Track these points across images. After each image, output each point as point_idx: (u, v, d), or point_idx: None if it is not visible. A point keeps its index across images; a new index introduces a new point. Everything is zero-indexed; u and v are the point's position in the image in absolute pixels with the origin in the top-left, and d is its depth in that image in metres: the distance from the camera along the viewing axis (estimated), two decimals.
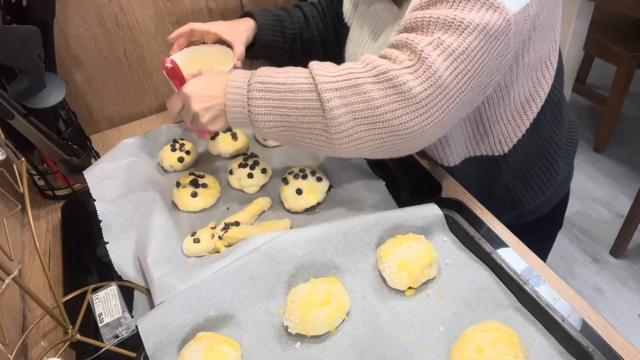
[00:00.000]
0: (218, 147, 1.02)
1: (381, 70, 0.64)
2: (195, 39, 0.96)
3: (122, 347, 0.71)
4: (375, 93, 0.63)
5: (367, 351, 0.66)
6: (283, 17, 1.00)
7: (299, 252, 0.74)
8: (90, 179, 0.93)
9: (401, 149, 0.68)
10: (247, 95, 0.70)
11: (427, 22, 0.64)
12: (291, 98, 0.68)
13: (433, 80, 0.62)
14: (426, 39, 0.63)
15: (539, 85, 0.80)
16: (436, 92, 0.62)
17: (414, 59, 0.63)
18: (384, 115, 0.64)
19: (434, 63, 0.62)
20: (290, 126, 0.70)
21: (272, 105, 0.69)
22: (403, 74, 0.62)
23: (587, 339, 0.62)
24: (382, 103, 0.63)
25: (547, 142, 0.89)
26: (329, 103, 0.65)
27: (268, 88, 0.69)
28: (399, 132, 0.64)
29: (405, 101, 0.63)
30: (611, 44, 2.09)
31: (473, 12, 0.62)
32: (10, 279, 0.56)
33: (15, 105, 0.88)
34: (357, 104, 0.64)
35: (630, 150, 2.33)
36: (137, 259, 0.82)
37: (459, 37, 0.62)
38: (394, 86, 0.63)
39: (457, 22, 0.62)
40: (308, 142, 0.71)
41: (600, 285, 1.82)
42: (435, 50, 0.62)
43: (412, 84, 0.62)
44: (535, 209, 0.97)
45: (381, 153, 0.69)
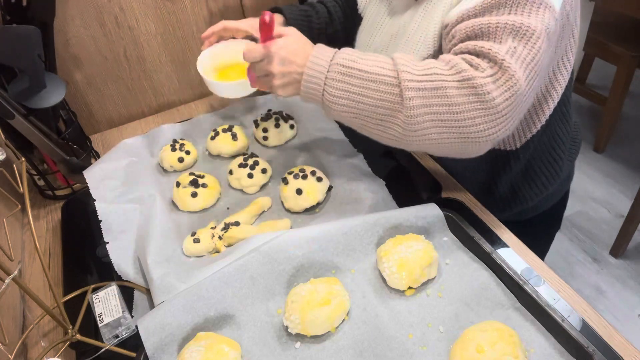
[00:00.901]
0: (218, 147, 1.02)
1: (466, 77, 0.64)
2: (227, 35, 0.97)
3: (122, 347, 0.71)
4: (458, 98, 0.64)
5: (367, 351, 0.66)
6: (310, 13, 1.01)
7: (299, 252, 0.74)
8: (90, 179, 0.93)
9: (467, 152, 0.69)
10: (327, 74, 0.70)
11: (494, 29, 0.65)
12: (371, 87, 0.68)
13: (515, 89, 0.63)
14: (502, 47, 0.64)
15: (556, 81, 0.81)
16: (516, 102, 0.64)
17: (495, 67, 0.64)
18: (463, 121, 0.64)
19: (516, 72, 0.63)
20: (362, 114, 0.70)
21: (349, 90, 0.69)
22: (487, 82, 0.63)
23: (587, 339, 0.62)
24: (464, 109, 0.64)
25: (554, 139, 0.89)
26: (411, 102, 0.65)
27: (349, 72, 0.69)
28: (473, 138, 0.65)
29: (486, 110, 0.63)
30: (611, 44, 2.09)
31: (532, 15, 0.64)
32: (10, 279, 0.56)
33: (15, 105, 0.88)
34: (438, 106, 0.65)
35: (630, 150, 2.32)
36: (137, 259, 0.82)
37: (527, 44, 0.64)
38: (477, 94, 0.63)
39: (524, 28, 0.64)
40: (376, 131, 0.71)
41: (600, 285, 1.82)
42: (512, 58, 0.63)
43: (495, 93, 0.63)
44: (536, 205, 0.97)
45: (446, 152, 0.70)
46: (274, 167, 0.98)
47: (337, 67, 0.70)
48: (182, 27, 1.23)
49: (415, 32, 0.81)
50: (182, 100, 1.33)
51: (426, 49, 0.78)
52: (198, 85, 1.33)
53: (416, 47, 0.80)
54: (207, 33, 0.96)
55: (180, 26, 1.23)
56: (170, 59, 1.26)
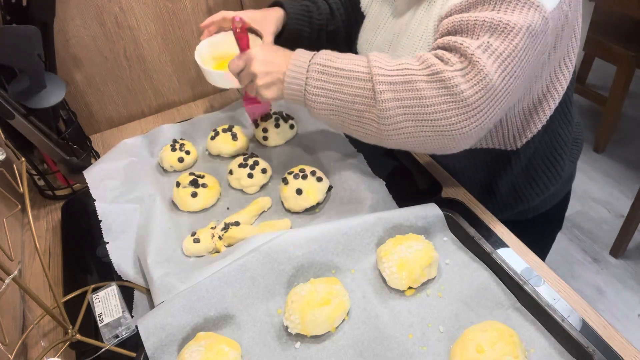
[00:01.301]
0: (218, 147, 1.02)
1: (435, 70, 0.65)
2: (226, 26, 0.97)
3: (122, 347, 0.71)
4: (428, 92, 0.65)
5: (367, 351, 0.66)
6: (311, 8, 1.02)
7: (299, 252, 0.74)
8: (90, 179, 0.93)
9: (446, 147, 0.69)
10: (306, 74, 0.73)
11: (472, 25, 0.66)
12: (346, 84, 0.70)
13: (484, 83, 0.63)
14: (475, 42, 0.64)
15: (557, 81, 0.81)
16: (486, 96, 0.64)
17: (465, 62, 0.64)
18: (433, 115, 0.65)
19: (485, 66, 0.63)
20: (341, 111, 0.72)
21: (327, 88, 0.71)
22: (455, 76, 0.64)
23: (587, 339, 0.62)
24: (433, 102, 0.65)
25: (556, 140, 0.89)
26: (382, 95, 0.67)
27: (326, 71, 0.72)
28: (447, 132, 0.66)
29: (455, 103, 0.64)
30: (611, 44, 2.09)
31: (516, 13, 0.64)
32: (10, 279, 0.56)
33: (15, 105, 0.88)
34: (409, 99, 0.66)
35: (630, 150, 2.32)
36: (137, 259, 0.82)
37: (505, 40, 0.64)
38: (445, 87, 0.64)
39: (502, 24, 0.64)
40: (355, 128, 0.73)
41: (600, 285, 1.82)
42: (484, 53, 0.63)
43: (463, 86, 0.63)
44: (538, 205, 0.97)
45: (425, 149, 0.71)
46: (274, 167, 0.98)
47: (315, 67, 0.72)
48: (182, 27, 1.23)
49: (416, 30, 0.81)
50: (182, 100, 1.33)
51: (427, 46, 0.79)
52: (198, 85, 1.33)
53: (417, 45, 0.80)
54: (206, 22, 0.97)
55: (180, 26, 1.23)
56: (170, 59, 1.26)
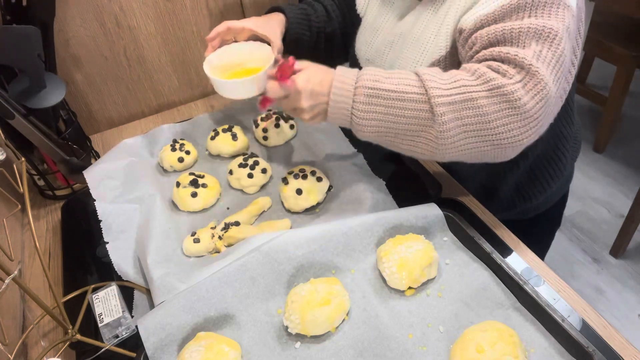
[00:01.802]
0: (218, 147, 1.02)
1: (495, 85, 0.64)
2: (229, 38, 0.96)
3: (122, 347, 0.71)
4: (489, 108, 0.64)
5: (367, 351, 0.66)
6: (309, 11, 1.01)
7: (299, 252, 0.74)
8: (90, 179, 0.93)
9: (498, 157, 0.69)
10: (353, 98, 0.69)
11: (517, 34, 0.65)
12: (400, 107, 0.67)
13: (544, 93, 0.63)
14: (528, 51, 0.64)
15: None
16: (547, 105, 0.64)
17: (522, 72, 0.64)
18: (495, 129, 0.64)
19: (544, 77, 0.63)
20: (393, 132, 0.69)
21: (377, 111, 0.68)
22: (517, 89, 0.63)
23: (587, 339, 0.62)
24: (496, 117, 0.64)
25: (559, 138, 0.89)
26: (443, 117, 0.65)
27: (376, 94, 0.68)
28: (507, 144, 0.65)
29: (518, 115, 0.63)
30: (611, 44, 2.09)
31: (552, 17, 0.64)
32: (10, 279, 0.56)
33: (15, 105, 0.88)
34: (470, 117, 0.65)
35: (630, 150, 2.32)
36: (137, 259, 0.82)
37: (551, 46, 0.64)
38: (508, 101, 0.63)
39: (546, 30, 0.64)
40: (407, 147, 0.71)
41: (600, 285, 1.82)
42: (538, 61, 0.63)
43: (525, 99, 0.63)
44: (539, 204, 0.97)
45: (478, 159, 0.70)
46: (274, 167, 0.98)
47: (363, 90, 0.69)
48: (182, 27, 1.23)
49: (423, 33, 0.80)
50: (182, 100, 1.33)
51: (438, 51, 0.78)
52: (198, 85, 1.33)
53: (425, 48, 0.80)
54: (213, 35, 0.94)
55: (180, 26, 1.23)
56: (170, 59, 1.26)
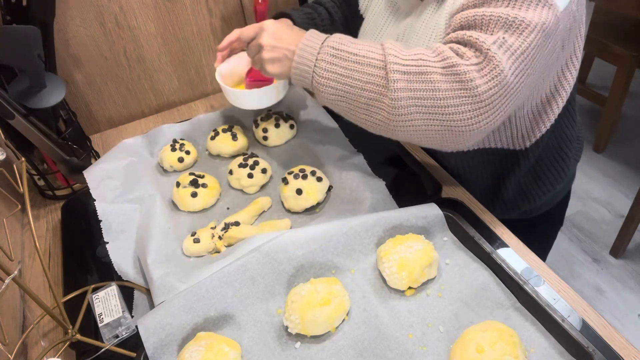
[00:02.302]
0: (218, 147, 1.02)
1: (450, 63, 0.64)
2: (237, 46, 0.96)
3: (122, 347, 0.71)
4: (442, 84, 0.64)
5: (367, 351, 0.66)
6: (313, 15, 1.01)
7: (299, 252, 0.74)
8: (90, 179, 0.93)
9: (453, 143, 0.68)
10: (317, 56, 0.71)
11: (487, 20, 0.65)
12: (358, 70, 0.68)
13: (499, 79, 0.63)
14: (490, 37, 0.64)
15: (565, 80, 0.80)
16: (500, 92, 0.63)
17: (480, 57, 0.64)
18: (445, 108, 0.64)
19: (500, 62, 0.62)
20: (349, 97, 0.70)
21: (337, 72, 0.69)
22: (470, 70, 0.63)
23: (587, 339, 0.62)
24: (447, 96, 0.64)
25: (561, 139, 0.89)
26: (395, 84, 0.65)
27: (339, 55, 0.69)
28: (457, 127, 0.65)
29: (469, 98, 0.63)
30: (611, 44, 2.09)
31: (530, 10, 0.64)
32: (10, 279, 0.56)
33: (15, 105, 0.88)
34: (422, 91, 0.65)
35: (630, 150, 2.32)
36: (137, 259, 0.82)
37: (519, 37, 0.63)
38: (460, 81, 0.63)
39: (518, 21, 0.63)
40: (363, 116, 0.71)
41: (600, 285, 1.82)
42: (499, 49, 0.63)
43: (478, 81, 0.63)
44: (542, 204, 0.97)
45: (433, 143, 0.70)
46: (274, 167, 0.98)
47: (327, 49, 0.70)
48: (182, 27, 1.23)
49: (424, 32, 0.80)
50: (182, 100, 1.33)
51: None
52: (198, 85, 1.33)
53: (429, 42, 0.80)
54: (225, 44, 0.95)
55: (181, 26, 1.23)
56: (170, 59, 1.26)
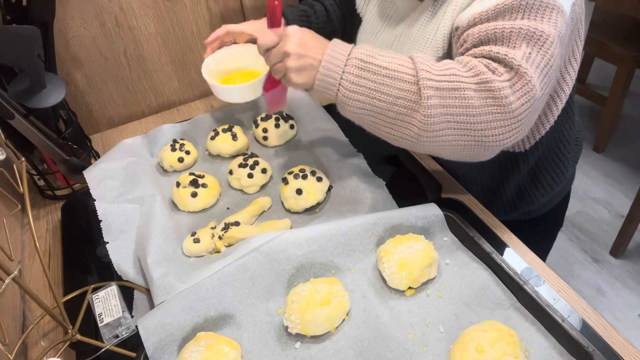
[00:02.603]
0: (218, 147, 1.02)
1: (484, 79, 0.63)
2: (228, 40, 0.96)
3: (122, 347, 0.71)
4: (476, 101, 0.63)
5: (367, 351, 0.66)
6: (309, 12, 1.01)
7: (299, 252, 0.74)
8: (90, 179, 0.93)
9: (479, 155, 0.68)
10: (344, 68, 0.68)
11: (508, 34, 0.65)
12: (388, 84, 0.66)
13: (531, 95, 0.63)
14: (518, 52, 0.64)
15: (564, 82, 0.80)
16: (531, 107, 0.64)
17: (511, 72, 0.63)
18: (478, 124, 0.64)
19: (532, 78, 0.62)
20: (376, 111, 0.68)
21: (365, 85, 0.67)
22: (504, 87, 0.63)
23: (587, 339, 0.62)
24: (480, 112, 0.63)
25: (560, 140, 0.89)
26: (429, 101, 0.64)
27: (367, 67, 0.67)
28: (487, 142, 0.65)
29: (503, 114, 0.63)
30: (611, 44, 2.09)
31: (545, 20, 0.64)
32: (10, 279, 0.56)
33: (15, 105, 0.88)
34: (455, 107, 0.64)
35: (630, 150, 2.32)
36: (137, 259, 0.82)
37: (541, 50, 0.64)
38: (494, 97, 0.63)
39: (538, 33, 0.64)
40: (388, 130, 0.69)
41: (600, 285, 1.82)
42: (528, 64, 0.63)
43: (511, 98, 0.63)
44: (541, 205, 0.97)
45: (458, 156, 0.69)
46: (274, 167, 0.98)
47: (355, 62, 0.68)
48: (182, 27, 1.23)
49: (421, 34, 0.80)
50: (182, 100, 1.34)
51: (435, 52, 0.78)
52: (198, 85, 1.34)
53: (424, 49, 0.80)
54: (212, 38, 0.95)
55: (180, 26, 1.23)
56: (170, 59, 1.26)
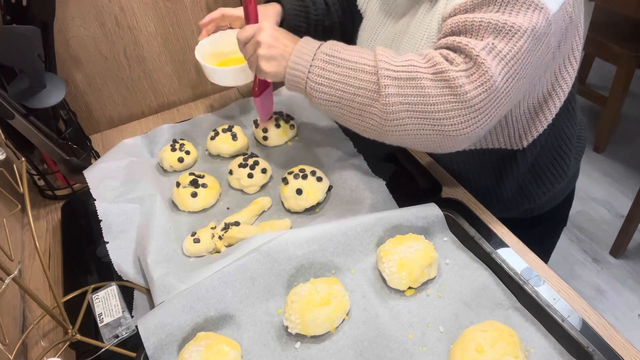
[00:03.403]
0: (218, 147, 1.02)
1: (440, 69, 0.65)
2: (224, 24, 0.97)
3: (122, 347, 0.71)
4: (432, 90, 0.65)
5: (367, 351, 0.66)
6: (307, 3, 1.02)
7: (299, 252, 0.74)
8: (90, 179, 0.93)
9: (444, 146, 0.69)
10: (311, 62, 0.72)
11: (477, 26, 0.65)
12: (351, 75, 0.70)
13: (488, 85, 0.63)
14: (480, 43, 0.64)
15: (562, 79, 0.81)
16: (489, 98, 0.64)
17: (470, 62, 0.64)
18: (436, 114, 0.65)
19: (489, 68, 0.63)
20: (342, 102, 0.72)
21: (330, 78, 0.71)
22: (460, 76, 0.64)
23: (587, 339, 0.62)
24: (437, 101, 0.65)
25: (561, 138, 0.89)
26: (386, 90, 0.66)
27: (332, 61, 0.71)
28: (447, 132, 0.66)
29: (458, 103, 0.64)
30: (611, 44, 2.09)
31: (520, 15, 0.64)
32: (10, 279, 0.56)
33: (15, 105, 0.88)
34: (413, 96, 0.66)
35: (630, 150, 2.33)
36: (137, 259, 0.82)
37: (509, 42, 0.64)
38: (450, 87, 0.64)
39: (507, 26, 0.64)
40: (355, 121, 0.73)
41: (600, 285, 1.82)
42: (489, 55, 0.64)
43: (467, 87, 0.63)
44: (543, 203, 0.97)
45: (424, 147, 0.71)
46: (274, 167, 0.98)
47: (321, 55, 0.72)
48: (182, 27, 1.23)
49: (417, 30, 0.80)
50: (182, 100, 1.33)
51: (431, 46, 0.78)
52: (198, 85, 1.33)
53: (420, 46, 0.80)
54: (206, 20, 0.97)
55: (180, 26, 1.23)
56: (170, 59, 1.26)
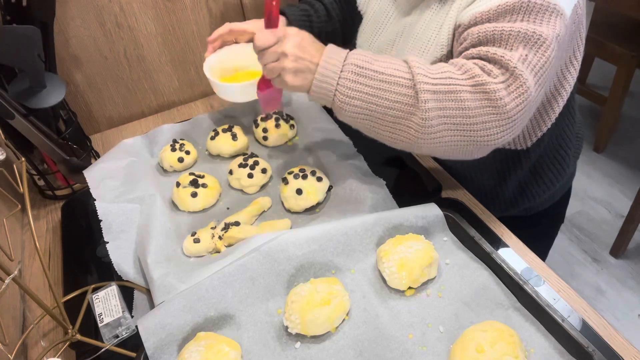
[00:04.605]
0: (218, 147, 1.02)
1: (479, 82, 0.65)
2: (230, 38, 0.96)
3: (122, 347, 0.71)
4: (471, 103, 0.65)
5: (367, 351, 0.66)
6: (310, 12, 1.01)
7: (299, 252, 0.74)
8: (90, 179, 0.93)
9: (474, 153, 0.69)
10: (340, 74, 0.68)
11: (506, 36, 0.66)
12: (385, 89, 0.67)
13: (525, 96, 0.64)
14: (515, 54, 0.65)
15: (565, 80, 0.81)
16: (526, 108, 0.65)
17: (506, 74, 0.64)
18: (474, 125, 0.65)
19: (527, 80, 0.64)
20: (375, 115, 0.68)
21: (362, 90, 0.67)
22: (499, 88, 0.64)
23: (587, 339, 0.62)
24: (476, 113, 0.65)
25: (561, 137, 0.90)
26: (426, 104, 0.65)
27: (363, 73, 0.67)
28: (484, 141, 0.66)
29: (498, 115, 0.64)
30: (611, 44, 2.09)
31: (544, 23, 0.65)
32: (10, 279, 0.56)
33: (15, 105, 0.88)
34: (452, 109, 0.65)
35: (630, 150, 2.32)
36: (137, 259, 0.82)
37: (538, 52, 0.65)
38: (489, 99, 0.64)
39: (536, 36, 0.65)
40: (386, 133, 0.70)
41: (600, 285, 1.82)
42: (523, 66, 0.64)
43: (507, 99, 0.64)
44: (542, 202, 0.98)
45: (454, 155, 0.70)
46: (274, 167, 0.98)
47: (350, 67, 0.68)
48: (182, 27, 1.23)
49: (425, 31, 0.80)
50: (182, 100, 1.34)
51: (439, 49, 0.78)
52: (198, 85, 1.34)
53: (427, 47, 0.80)
54: (213, 36, 0.94)
55: (180, 26, 1.23)
56: (170, 59, 1.26)
